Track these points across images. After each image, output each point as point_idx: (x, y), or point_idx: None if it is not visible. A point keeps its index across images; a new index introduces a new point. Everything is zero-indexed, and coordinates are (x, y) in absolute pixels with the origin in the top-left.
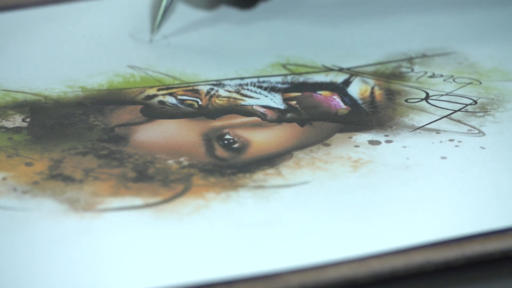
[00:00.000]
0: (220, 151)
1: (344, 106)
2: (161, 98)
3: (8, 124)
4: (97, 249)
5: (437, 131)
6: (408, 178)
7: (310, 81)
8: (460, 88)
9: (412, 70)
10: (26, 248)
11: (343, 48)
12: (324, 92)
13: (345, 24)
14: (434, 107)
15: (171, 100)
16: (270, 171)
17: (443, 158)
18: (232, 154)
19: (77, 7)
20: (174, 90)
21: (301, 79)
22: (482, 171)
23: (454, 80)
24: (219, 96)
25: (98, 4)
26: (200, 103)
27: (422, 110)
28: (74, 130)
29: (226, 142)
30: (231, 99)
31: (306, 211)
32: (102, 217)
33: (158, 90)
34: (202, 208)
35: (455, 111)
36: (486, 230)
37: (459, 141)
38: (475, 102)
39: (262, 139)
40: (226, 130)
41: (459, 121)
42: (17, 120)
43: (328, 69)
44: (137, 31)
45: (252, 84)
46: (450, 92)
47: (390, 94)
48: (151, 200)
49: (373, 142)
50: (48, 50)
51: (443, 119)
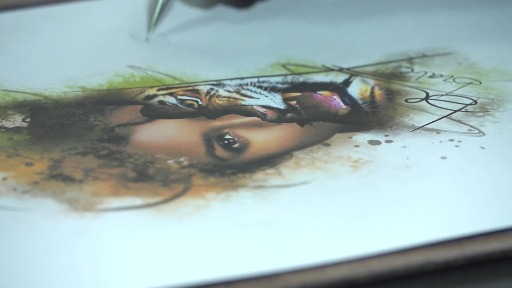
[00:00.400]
0: (220, 151)
1: (344, 106)
2: (161, 98)
3: (8, 124)
4: (97, 249)
5: (437, 131)
6: (408, 178)
7: (310, 81)
8: (460, 88)
9: (412, 70)
10: (26, 248)
11: (343, 48)
12: (324, 92)
13: (345, 24)
14: (434, 107)
15: (171, 100)
16: (270, 171)
17: (443, 158)
18: (232, 154)
19: (77, 7)
20: (174, 90)
21: (301, 79)
22: (482, 171)
23: (454, 80)
24: (219, 96)
25: (98, 4)
26: (200, 103)
27: (422, 110)
28: (74, 130)
29: (226, 142)
30: (231, 99)
31: (306, 211)
32: (102, 217)
33: (158, 90)
34: (202, 208)
35: (455, 111)
36: (486, 230)
37: (459, 141)
38: (475, 102)
39: (262, 139)
40: (226, 130)
41: (459, 121)
42: (17, 120)
43: (328, 69)
44: (137, 31)
45: (252, 84)
46: (450, 92)
47: (390, 94)
48: (151, 200)
49: (373, 142)
50: (48, 50)
51: (443, 119)
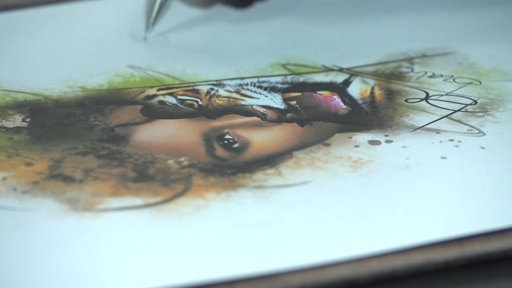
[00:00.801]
0: (220, 151)
1: (344, 106)
2: (161, 98)
3: (8, 124)
4: (97, 249)
5: (437, 131)
6: (408, 178)
7: (310, 81)
8: (460, 88)
9: (412, 70)
10: (26, 248)
11: (343, 48)
12: (324, 92)
13: (345, 24)
14: (434, 107)
15: (171, 100)
16: (270, 171)
17: (443, 158)
18: (232, 154)
19: (77, 7)
20: (174, 90)
21: (301, 79)
22: (482, 171)
23: (454, 80)
24: (219, 96)
25: (98, 4)
26: (200, 103)
27: (422, 110)
28: (74, 130)
29: (226, 142)
30: (231, 99)
31: (306, 211)
32: (102, 217)
33: (158, 90)
34: (202, 208)
35: (455, 111)
36: (486, 230)
37: (459, 141)
38: (475, 102)
39: (262, 139)
40: (226, 130)
41: (459, 121)
42: (17, 120)
43: (328, 69)
44: (137, 31)
45: (252, 84)
46: (450, 92)
47: (390, 94)
48: (151, 200)
49: (373, 142)
50: (48, 50)
51: (443, 119)
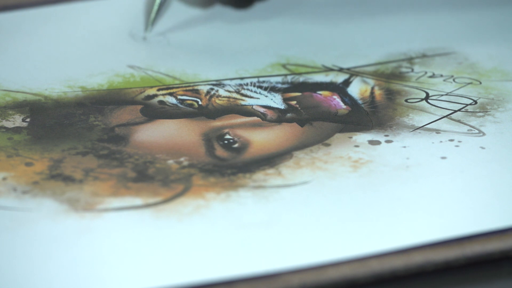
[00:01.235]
0: (220, 151)
1: (344, 106)
2: (161, 98)
3: (8, 124)
4: (97, 249)
5: (437, 131)
6: (408, 178)
7: (310, 81)
8: (460, 88)
9: (412, 70)
10: (26, 248)
11: (343, 48)
12: (324, 92)
13: (345, 24)
14: (434, 107)
15: (171, 100)
16: (270, 171)
17: (443, 158)
18: (232, 154)
19: (77, 7)
20: (174, 90)
21: (301, 79)
22: (482, 171)
23: (454, 80)
24: (219, 96)
25: (98, 4)
26: (200, 103)
27: (422, 110)
28: (74, 130)
29: (226, 142)
30: (231, 99)
31: (306, 211)
32: (102, 217)
33: (158, 90)
34: (202, 208)
35: (455, 111)
36: (486, 230)
37: (459, 141)
38: (475, 102)
39: (262, 139)
40: (226, 130)
41: (459, 121)
42: (17, 120)
43: (328, 69)
44: (137, 30)
45: (252, 84)
46: (450, 92)
47: (390, 94)
48: (151, 200)
49: (373, 142)
50: (48, 50)
51: (443, 119)
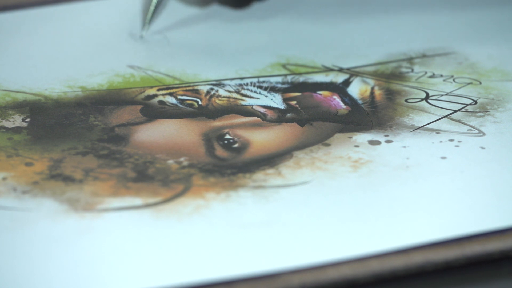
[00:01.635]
0: (220, 151)
1: (344, 106)
2: (161, 98)
3: (8, 124)
4: (97, 249)
5: (437, 131)
6: (408, 178)
7: (310, 81)
8: (460, 88)
9: (412, 70)
10: (26, 248)
11: (343, 48)
12: (324, 92)
13: (345, 24)
14: (434, 107)
15: (171, 100)
16: (270, 171)
17: (443, 158)
18: (232, 154)
19: (77, 7)
20: (174, 90)
21: (301, 79)
22: (482, 171)
23: (454, 80)
24: (219, 96)
25: (98, 4)
26: (200, 103)
27: (422, 110)
28: (74, 130)
29: (226, 142)
30: (231, 99)
31: (306, 211)
32: (102, 217)
33: (158, 90)
34: (202, 208)
35: (455, 111)
36: (486, 230)
37: (459, 141)
38: (475, 102)
39: (262, 139)
40: (226, 130)
41: (459, 121)
42: (17, 120)
43: (328, 69)
44: (137, 30)
45: (252, 84)
46: (450, 92)
47: (390, 94)
48: (151, 200)
49: (373, 142)
50: (48, 50)
51: (443, 119)
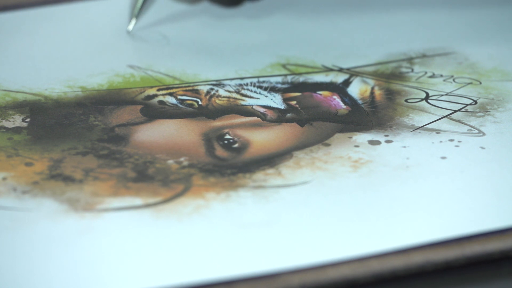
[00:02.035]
0: (220, 151)
1: (344, 106)
2: (161, 98)
3: (8, 124)
4: (97, 249)
5: (437, 131)
6: (408, 178)
7: (310, 81)
8: (460, 88)
9: (412, 70)
10: (26, 248)
11: (343, 48)
12: (324, 92)
13: (345, 24)
14: (434, 107)
15: (171, 100)
16: (270, 171)
17: (443, 158)
18: (232, 154)
19: (77, 7)
20: (174, 90)
21: (301, 79)
22: (482, 171)
23: (454, 80)
24: (219, 96)
25: (98, 4)
26: (200, 103)
27: (422, 110)
28: (74, 130)
29: (226, 142)
30: (231, 99)
31: (306, 211)
32: (102, 217)
33: (158, 90)
34: (202, 208)
35: (455, 111)
36: (486, 230)
37: (459, 141)
38: (475, 102)
39: (262, 139)
40: (226, 130)
41: (459, 121)
42: (17, 120)
43: (328, 69)
44: (137, 30)
45: (252, 84)
46: (450, 92)
47: (390, 94)
48: (151, 200)
49: (373, 142)
50: (48, 50)
51: (443, 119)
